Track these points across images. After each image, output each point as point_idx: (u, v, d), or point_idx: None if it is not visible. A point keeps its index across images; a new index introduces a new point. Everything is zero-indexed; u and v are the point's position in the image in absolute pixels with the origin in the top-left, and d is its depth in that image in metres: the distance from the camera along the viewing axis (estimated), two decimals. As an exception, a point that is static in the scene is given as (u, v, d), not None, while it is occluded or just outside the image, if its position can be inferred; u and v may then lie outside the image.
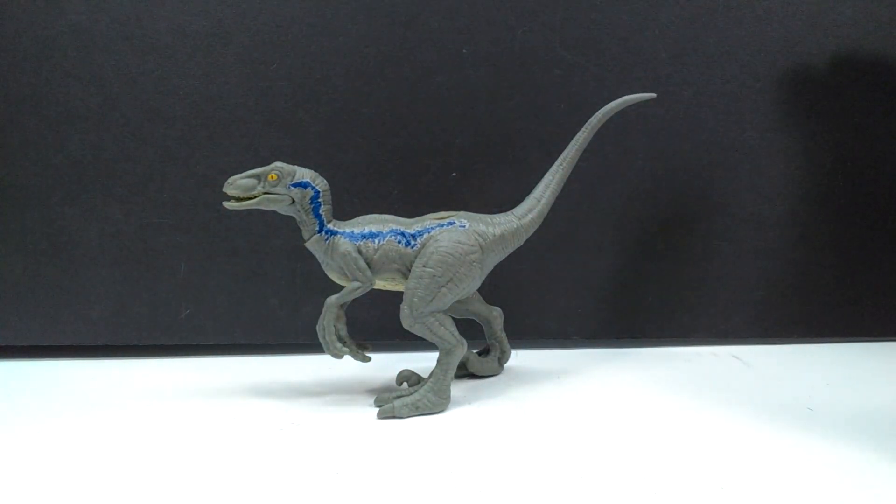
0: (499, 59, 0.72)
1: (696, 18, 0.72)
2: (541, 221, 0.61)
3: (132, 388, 0.63)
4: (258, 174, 0.54)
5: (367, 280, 0.56)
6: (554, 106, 0.72)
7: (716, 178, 0.74)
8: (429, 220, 0.57)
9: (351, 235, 0.56)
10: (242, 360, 0.73)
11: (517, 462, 0.46)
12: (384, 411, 0.54)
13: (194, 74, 0.70)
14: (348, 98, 0.71)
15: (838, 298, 0.77)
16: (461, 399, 0.59)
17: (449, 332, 0.56)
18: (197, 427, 0.53)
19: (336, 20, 0.71)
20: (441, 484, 0.43)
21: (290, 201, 0.55)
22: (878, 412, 0.55)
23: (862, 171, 0.76)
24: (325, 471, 0.44)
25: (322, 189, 0.56)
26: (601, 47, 0.72)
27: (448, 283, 0.55)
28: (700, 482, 0.43)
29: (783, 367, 0.68)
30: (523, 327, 0.75)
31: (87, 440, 0.50)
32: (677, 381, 0.64)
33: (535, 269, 0.74)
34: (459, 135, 0.72)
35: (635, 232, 0.75)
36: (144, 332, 0.73)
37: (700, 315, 0.76)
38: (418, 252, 0.56)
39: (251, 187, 0.54)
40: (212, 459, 0.47)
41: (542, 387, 0.62)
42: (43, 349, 0.73)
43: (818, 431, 0.51)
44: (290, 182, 0.55)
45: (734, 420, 0.53)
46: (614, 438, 0.50)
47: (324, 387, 0.63)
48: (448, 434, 0.51)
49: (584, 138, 0.61)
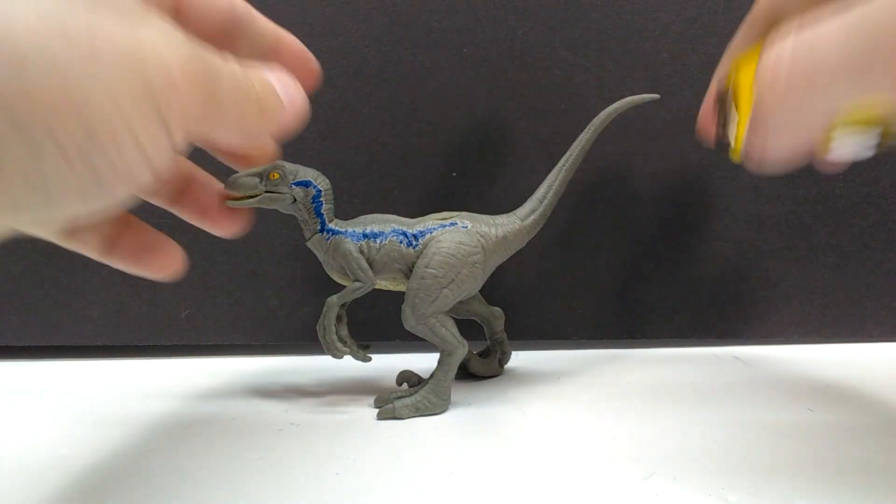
0: (499, 59, 0.72)
1: (696, 19, 0.72)
2: (543, 222, 0.61)
3: (132, 388, 0.63)
4: (260, 172, 0.54)
5: (368, 280, 0.56)
6: (554, 106, 0.72)
7: (716, 178, 0.74)
8: (431, 221, 0.57)
9: (353, 235, 0.56)
10: (242, 360, 0.73)
11: (517, 462, 0.46)
12: (384, 412, 0.54)
13: (194, 74, 0.70)
14: (348, 98, 0.71)
15: (838, 299, 0.77)
16: (462, 400, 0.59)
17: (450, 334, 0.56)
18: (197, 427, 0.52)
19: (336, 20, 0.71)
20: (441, 484, 0.43)
21: (292, 200, 0.55)
22: (878, 413, 0.55)
23: (862, 171, 0.76)
24: (325, 471, 0.44)
25: (324, 188, 0.56)
26: (601, 47, 0.72)
27: (450, 283, 0.55)
28: (700, 482, 0.43)
29: (783, 368, 0.68)
30: (524, 328, 0.75)
31: (87, 440, 0.50)
32: (677, 381, 0.64)
33: (535, 269, 0.74)
34: (459, 135, 0.72)
35: (635, 232, 0.75)
36: (144, 332, 0.73)
37: (700, 315, 0.76)
38: (420, 252, 0.55)
39: (253, 186, 0.53)
40: (212, 459, 0.46)
41: (543, 387, 0.62)
42: (43, 349, 0.73)
43: (818, 432, 0.51)
44: (292, 181, 0.54)
45: (734, 420, 0.53)
46: (614, 439, 0.50)
47: (324, 387, 0.63)
48: (448, 434, 0.51)
49: (587, 139, 0.61)
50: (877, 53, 0.32)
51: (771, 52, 0.36)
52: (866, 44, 0.33)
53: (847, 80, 0.33)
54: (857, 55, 0.33)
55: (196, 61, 0.30)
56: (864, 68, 0.33)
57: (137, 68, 0.27)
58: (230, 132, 0.35)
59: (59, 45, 0.25)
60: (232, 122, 0.34)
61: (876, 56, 0.32)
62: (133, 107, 0.27)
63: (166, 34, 0.29)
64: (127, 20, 0.27)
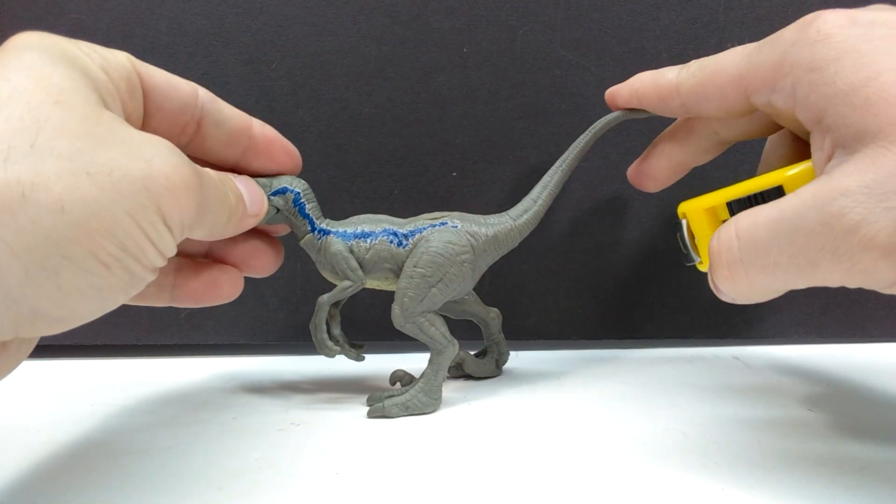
0: (499, 59, 0.72)
1: (696, 19, 0.72)
2: (537, 223, 0.60)
3: (132, 388, 0.63)
4: None
5: (358, 279, 0.56)
6: (554, 106, 0.72)
7: (716, 178, 0.74)
8: (422, 221, 0.57)
9: (343, 235, 0.56)
10: (242, 360, 0.73)
11: (515, 462, 0.46)
12: (374, 410, 0.54)
13: (194, 74, 0.70)
14: (348, 98, 0.71)
15: (838, 299, 0.77)
16: (460, 399, 0.59)
17: (440, 333, 0.56)
18: (197, 427, 0.53)
19: (336, 20, 0.71)
20: (441, 485, 0.43)
21: (276, 211, 0.55)
22: (878, 413, 0.55)
23: (862, 172, 0.76)
24: (324, 471, 0.44)
25: (301, 189, 0.56)
26: (601, 47, 0.72)
27: (438, 283, 0.55)
28: (700, 483, 0.43)
29: (783, 368, 0.68)
30: (523, 328, 0.75)
31: (86, 440, 0.50)
32: (678, 381, 0.64)
33: (535, 269, 0.74)
34: (459, 135, 0.72)
35: (635, 232, 0.75)
36: (144, 332, 0.73)
37: (700, 315, 0.76)
38: (410, 252, 0.56)
39: None
40: (211, 460, 0.46)
41: (542, 387, 0.62)
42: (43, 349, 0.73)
43: (818, 432, 0.51)
44: (268, 193, 0.55)
45: (734, 420, 0.53)
46: (613, 439, 0.50)
47: (324, 387, 0.63)
48: (448, 435, 0.51)
49: (585, 142, 0.60)
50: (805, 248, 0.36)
51: (718, 236, 0.42)
52: (795, 239, 0.37)
53: (787, 271, 0.38)
54: (787, 249, 0.37)
55: (193, 177, 0.38)
56: (802, 264, 0.37)
57: (149, 189, 0.35)
58: (206, 231, 0.43)
59: (85, 185, 0.32)
60: (210, 224, 0.42)
61: (803, 250, 0.36)
62: (147, 219, 0.35)
63: (171, 156, 0.36)
64: (139, 154, 0.35)
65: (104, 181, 0.33)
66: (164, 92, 0.45)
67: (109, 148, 0.34)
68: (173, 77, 0.46)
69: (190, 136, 0.48)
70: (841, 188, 0.34)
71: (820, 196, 0.35)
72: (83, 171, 0.32)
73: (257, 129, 0.52)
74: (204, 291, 0.51)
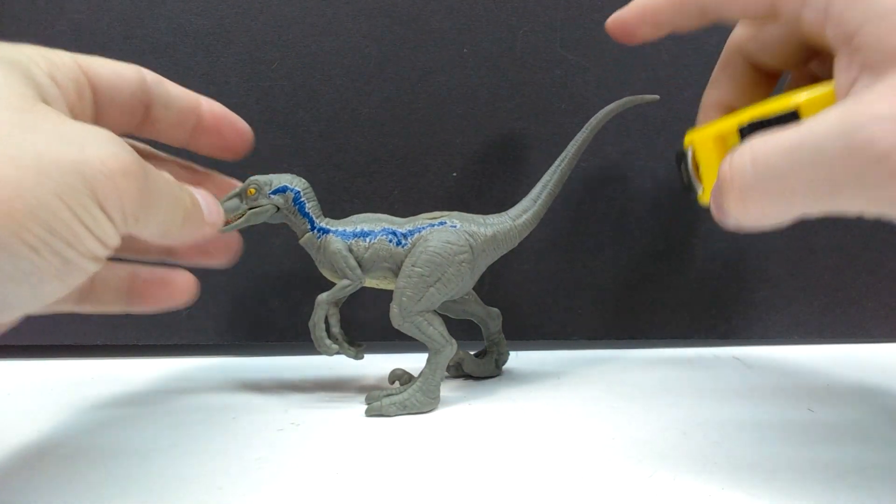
0: (499, 59, 0.72)
1: (696, 18, 0.72)
2: (536, 222, 0.61)
3: (132, 388, 0.63)
4: (238, 193, 0.55)
5: (356, 278, 0.56)
6: (554, 106, 0.72)
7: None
8: (421, 220, 0.57)
9: (342, 234, 0.56)
10: (242, 360, 0.73)
11: (514, 462, 0.46)
12: (372, 409, 0.55)
13: (194, 74, 0.70)
14: (348, 98, 0.71)
15: (838, 299, 0.77)
16: (460, 399, 0.59)
17: (438, 332, 0.56)
18: (197, 427, 0.53)
19: (336, 20, 0.71)
20: (441, 484, 0.43)
21: (275, 209, 0.56)
22: (878, 413, 0.55)
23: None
24: (324, 471, 0.44)
25: (301, 188, 0.56)
26: (601, 47, 0.72)
27: (436, 282, 0.55)
28: (700, 482, 0.43)
29: (783, 368, 0.68)
30: (523, 328, 0.75)
31: (86, 440, 0.50)
32: (678, 381, 0.64)
33: (535, 269, 0.74)
34: (459, 135, 0.72)
35: (635, 232, 0.75)
36: (144, 332, 0.73)
37: (700, 315, 0.76)
38: (409, 251, 0.56)
39: (236, 207, 0.55)
40: (212, 459, 0.46)
41: (541, 387, 0.62)
42: (43, 349, 0.73)
43: (818, 432, 0.51)
44: (269, 191, 0.55)
45: (734, 420, 0.53)
46: (614, 439, 0.50)
47: (324, 387, 0.63)
48: (448, 434, 0.51)
49: (583, 139, 0.61)
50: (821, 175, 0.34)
51: (731, 160, 0.39)
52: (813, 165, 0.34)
53: (805, 197, 0.36)
54: (806, 176, 0.35)
55: (134, 165, 0.37)
56: (821, 191, 0.35)
57: (81, 173, 0.34)
58: (159, 230, 0.42)
59: (9, 170, 0.32)
60: (161, 222, 0.42)
61: (825, 177, 0.34)
62: (79, 202, 0.34)
63: (109, 144, 0.36)
64: (74, 140, 0.35)
65: (30, 163, 0.32)
66: (113, 84, 0.45)
67: (41, 135, 0.34)
68: (118, 64, 0.46)
69: (140, 119, 0.48)
70: (870, 113, 0.32)
71: (847, 121, 0.33)
72: (6, 155, 0.32)
73: (205, 106, 0.51)
74: (157, 294, 0.52)
